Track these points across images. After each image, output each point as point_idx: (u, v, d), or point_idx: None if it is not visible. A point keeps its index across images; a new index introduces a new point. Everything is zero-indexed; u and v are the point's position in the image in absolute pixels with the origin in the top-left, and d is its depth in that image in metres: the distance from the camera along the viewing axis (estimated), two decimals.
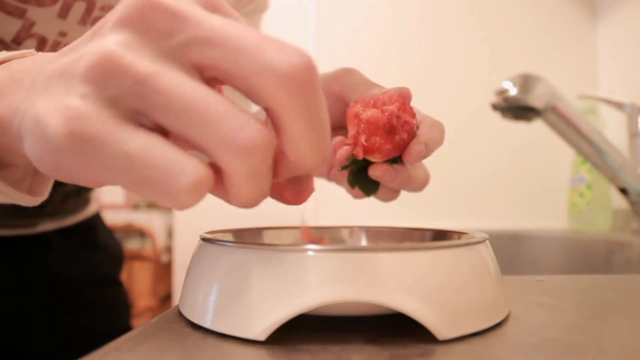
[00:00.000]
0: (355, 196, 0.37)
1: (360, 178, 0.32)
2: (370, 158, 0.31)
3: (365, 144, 0.30)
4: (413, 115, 0.30)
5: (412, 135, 0.30)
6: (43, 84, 0.19)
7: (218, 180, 0.19)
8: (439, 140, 0.31)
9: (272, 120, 0.18)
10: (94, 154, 0.17)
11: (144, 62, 0.17)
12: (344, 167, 0.32)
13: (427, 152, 0.30)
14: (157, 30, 0.17)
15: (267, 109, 0.18)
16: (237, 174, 0.17)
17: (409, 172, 0.32)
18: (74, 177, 0.18)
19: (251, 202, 0.19)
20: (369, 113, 0.30)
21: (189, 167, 0.16)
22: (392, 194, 0.35)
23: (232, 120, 0.16)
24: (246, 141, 0.16)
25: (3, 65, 0.22)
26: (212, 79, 0.18)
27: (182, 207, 0.17)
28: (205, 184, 0.17)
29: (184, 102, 0.16)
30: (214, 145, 0.17)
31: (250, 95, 0.18)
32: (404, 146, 0.30)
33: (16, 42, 0.35)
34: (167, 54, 0.17)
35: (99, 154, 0.17)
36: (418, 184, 0.33)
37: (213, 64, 0.17)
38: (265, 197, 0.20)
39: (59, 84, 0.18)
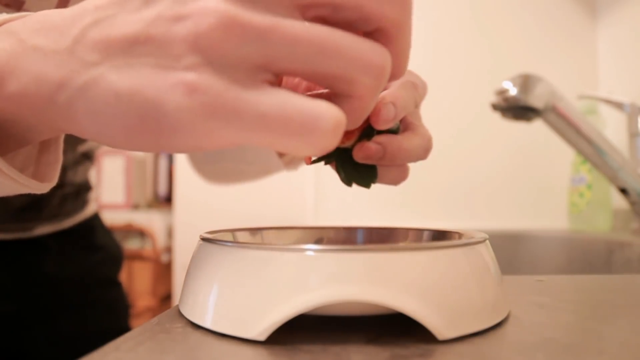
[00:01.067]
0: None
1: (351, 171, 0.28)
2: (340, 145, 0.27)
3: None
4: None
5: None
6: (100, 51, 0.17)
7: None
8: (409, 100, 0.28)
9: (382, 39, 0.20)
10: (225, 123, 0.16)
11: (260, 16, 0.17)
12: (317, 160, 0.28)
13: (398, 112, 0.26)
14: None
15: (378, 30, 0.19)
16: (368, 93, 0.19)
17: (399, 140, 0.27)
18: (186, 147, 0.18)
19: (361, 120, 0.21)
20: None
21: (324, 111, 0.17)
22: (394, 173, 0.30)
23: (363, 46, 0.18)
24: (379, 61, 0.18)
25: (0, 31, 0.19)
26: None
27: (325, 150, 0.17)
28: (343, 121, 0.17)
29: (315, 41, 0.17)
30: (350, 71, 0.18)
31: (365, 20, 0.19)
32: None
33: None
34: (271, 2, 0.18)
35: (231, 122, 0.16)
36: (419, 152, 0.29)
37: (321, 2, 0.18)
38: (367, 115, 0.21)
39: (145, 54, 0.17)
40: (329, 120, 0.17)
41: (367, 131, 0.27)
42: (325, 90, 0.23)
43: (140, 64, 0.17)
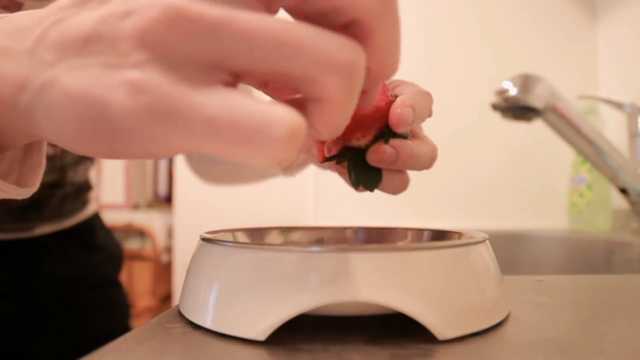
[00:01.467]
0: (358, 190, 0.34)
1: (361, 173, 0.28)
2: (354, 142, 0.27)
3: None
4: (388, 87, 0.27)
5: (386, 101, 0.27)
6: (57, 52, 0.16)
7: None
8: (425, 108, 0.28)
9: (360, 33, 0.18)
10: (170, 126, 0.15)
11: (211, 8, 0.15)
12: (330, 158, 0.28)
13: (416, 117, 0.26)
14: None
15: (354, 22, 0.18)
16: (338, 96, 0.17)
17: (410, 147, 0.27)
18: (137, 152, 0.17)
19: (340, 128, 0.18)
20: None
21: (279, 116, 0.15)
22: (397, 181, 0.29)
23: (328, 42, 0.16)
24: (347, 59, 0.16)
25: None
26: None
27: (281, 160, 0.15)
28: (300, 128, 0.15)
29: (272, 36, 0.15)
30: (312, 71, 0.16)
31: (337, 11, 0.17)
32: (385, 115, 0.26)
33: None
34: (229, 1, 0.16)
35: (177, 126, 0.15)
36: (426, 160, 0.29)
37: None
38: (347, 122, 0.19)
39: (91, 51, 0.16)
40: (283, 126, 0.15)
41: (384, 132, 0.27)
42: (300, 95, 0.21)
43: (92, 63, 0.16)
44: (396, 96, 0.27)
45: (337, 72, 0.16)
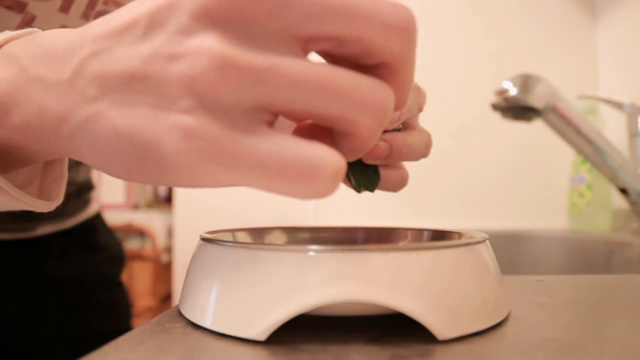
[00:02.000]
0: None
1: (360, 176, 0.28)
2: None
3: None
4: None
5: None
6: (98, 87, 0.17)
7: (324, 139, 0.20)
8: (414, 103, 0.29)
9: (386, 73, 0.19)
10: (223, 168, 0.16)
11: (258, 56, 0.16)
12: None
13: (403, 113, 0.27)
14: (253, 18, 0.16)
15: (381, 64, 0.19)
16: (369, 133, 0.18)
17: (402, 137, 0.28)
18: (183, 184, 0.18)
19: (362, 154, 0.21)
20: None
21: (324, 159, 0.16)
22: (399, 178, 0.30)
23: (364, 87, 0.17)
24: (381, 103, 0.17)
25: (3, 53, 0.19)
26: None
27: (324, 196, 0.17)
28: (343, 167, 0.17)
29: (314, 82, 0.16)
30: (349, 113, 0.17)
31: (366, 55, 0.18)
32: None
33: None
34: (271, 38, 0.16)
35: (228, 167, 0.16)
36: (420, 149, 0.29)
37: (325, 36, 0.17)
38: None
39: (142, 92, 0.16)
40: (329, 168, 0.16)
41: None
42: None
43: (138, 102, 0.16)
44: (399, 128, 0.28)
45: (372, 114, 0.18)
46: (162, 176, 0.17)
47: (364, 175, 0.28)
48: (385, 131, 0.28)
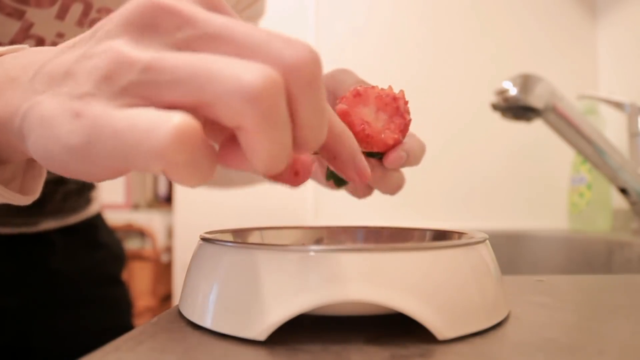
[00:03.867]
0: (330, 187, 0.37)
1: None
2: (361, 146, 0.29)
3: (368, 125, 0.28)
4: (409, 116, 0.30)
5: (404, 136, 0.30)
6: (45, 83, 0.19)
7: (237, 152, 0.19)
8: (419, 158, 0.32)
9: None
10: (97, 144, 0.17)
11: (148, 52, 0.18)
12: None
13: (407, 162, 0.31)
14: (163, 28, 0.18)
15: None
16: (253, 123, 0.17)
17: (385, 171, 0.32)
18: (83, 173, 0.19)
19: (275, 162, 0.18)
20: (377, 90, 0.29)
21: (168, 118, 0.16)
22: (364, 190, 0.35)
23: (234, 66, 0.17)
24: (251, 82, 0.16)
25: None
26: None
27: (176, 167, 0.17)
28: (189, 131, 0.16)
29: (187, 69, 0.17)
30: (225, 98, 0.17)
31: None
32: (391, 145, 0.30)
33: (14, 43, 0.35)
34: (172, 46, 0.18)
35: (100, 142, 0.17)
36: (392, 186, 0.33)
37: (197, 34, 0.18)
38: (289, 158, 0.19)
39: (64, 84, 0.19)
40: (169, 126, 0.16)
41: (373, 154, 0.30)
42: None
43: (62, 92, 0.19)
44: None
45: (242, 96, 0.16)
46: (66, 161, 0.19)
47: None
48: (372, 155, 0.30)
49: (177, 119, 0.16)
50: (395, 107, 0.28)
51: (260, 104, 0.16)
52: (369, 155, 0.30)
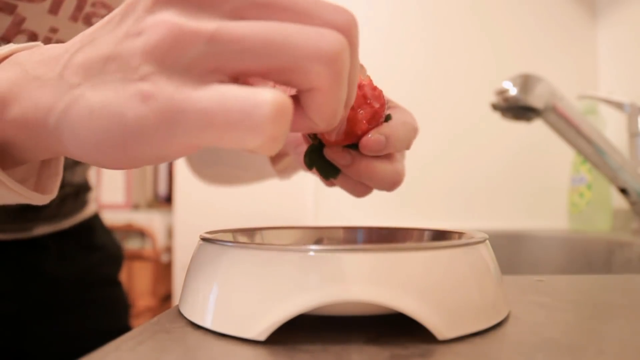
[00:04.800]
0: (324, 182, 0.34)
1: (317, 159, 0.30)
2: (329, 139, 0.28)
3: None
4: (382, 104, 0.28)
5: (376, 123, 0.28)
6: (80, 75, 0.19)
7: (297, 111, 0.19)
8: (405, 140, 0.29)
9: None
10: (176, 125, 0.17)
11: (207, 23, 0.18)
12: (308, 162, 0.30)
13: (387, 146, 0.28)
14: (203, 1, 0.18)
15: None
16: (326, 83, 0.18)
17: (372, 163, 0.28)
18: (149, 157, 0.19)
19: (336, 118, 0.20)
20: None
21: (263, 96, 0.17)
22: (359, 188, 0.31)
23: (310, 34, 0.17)
24: (329, 47, 0.17)
25: (9, 61, 0.21)
26: None
27: (273, 139, 0.17)
28: (285, 106, 0.17)
29: (259, 37, 0.17)
30: (299, 62, 0.17)
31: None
32: (360, 135, 0.27)
33: (5, 39, 0.34)
34: (222, 17, 0.18)
35: (180, 123, 0.17)
36: (385, 181, 0.29)
37: (258, 2, 0.18)
38: (341, 113, 0.20)
39: (108, 69, 0.18)
40: (267, 103, 0.16)
41: (355, 145, 0.28)
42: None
43: (111, 79, 0.18)
44: (389, 117, 0.29)
45: (321, 60, 0.17)
46: (130, 149, 0.18)
47: (322, 163, 0.30)
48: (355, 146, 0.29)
49: (271, 95, 0.17)
50: (362, 95, 0.27)
51: (337, 66, 0.18)
52: (348, 147, 0.28)
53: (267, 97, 0.17)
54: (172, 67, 0.17)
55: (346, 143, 0.28)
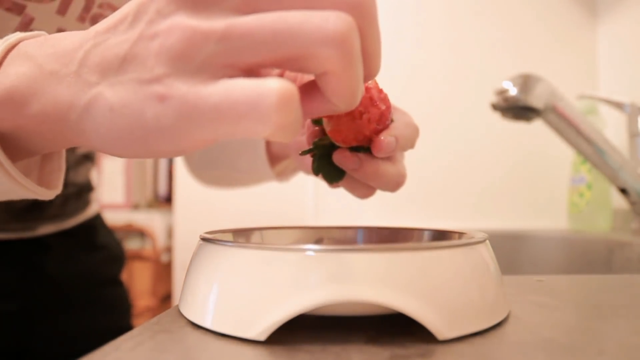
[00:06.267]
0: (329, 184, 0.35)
1: (324, 165, 0.30)
2: (336, 141, 0.28)
3: (332, 122, 0.28)
4: (388, 106, 0.28)
5: (384, 125, 0.28)
6: (97, 73, 0.20)
7: (316, 95, 0.20)
8: (410, 140, 0.30)
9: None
10: (191, 121, 0.18)
11: (217, 22, 0.18)
12: (304, 152, 0.30)
13: (397, 147, 0.29)
14: (211, 1, 0.19)
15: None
16: (338, 65, 0.18)
17: (378, 165, 0.29)
18: (169, 151, 0.20)
19: (356, 97, 0.20)
20: None
21: (267, 86, 0.17)
22: (363, 189, 0.32)
23: (314, 19, 0.18)
24: (335, 28, 0.18)
25: (18, 53, 0.22)
26: None
27: (282, 129, 0.18)
28: (290, 94, 0.17)
29: (266, 30, 0.18)
30: (308, 49, 0.18)
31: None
32: (372, 136, 0.28)
33: None
34: (232, 11, 0.19)
35: (194, 119, 0.18)
36: (389, 182, 0.30)
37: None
38: (361, 91, 0.20)
39: (125, 70, 0.19)
40: (272, 92, 0.17)
41: (362, 148, 0.29)
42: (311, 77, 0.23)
43: (128, 79, 0.19)
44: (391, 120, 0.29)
45: (328, 43, 0.18)
46: (151, 144, 0.19)
47: (328, 168, 0.30)
48: (366, 151, 0.29)
49: (276, 85, 0.17)
50: (369, 98, 0.27)
51: (345, 47, 0.18)
52: (354, 150, 0.29)
53: (272, 86, 0.17)
54: (185, 67, 0.18)
55: (354, 145, 0.29)
